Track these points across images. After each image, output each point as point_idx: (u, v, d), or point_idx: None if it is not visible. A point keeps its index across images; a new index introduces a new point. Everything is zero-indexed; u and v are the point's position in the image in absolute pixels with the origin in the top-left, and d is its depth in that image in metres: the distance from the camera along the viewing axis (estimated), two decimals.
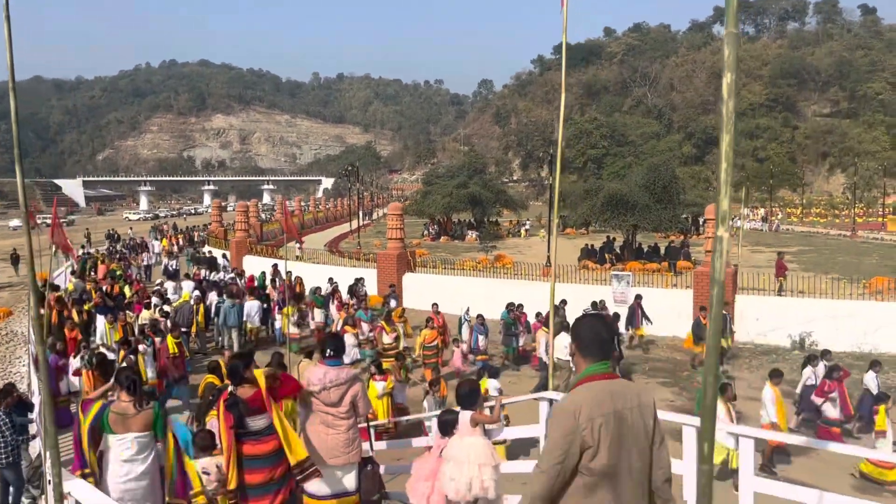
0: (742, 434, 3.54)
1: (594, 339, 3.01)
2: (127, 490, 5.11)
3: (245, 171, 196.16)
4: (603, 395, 2.82)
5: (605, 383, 2.89)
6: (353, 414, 5.13)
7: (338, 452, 5.13)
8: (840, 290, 19.53)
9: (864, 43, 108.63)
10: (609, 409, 2.77)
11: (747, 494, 3.48)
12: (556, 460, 2.74)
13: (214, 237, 35.74)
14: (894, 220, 54.84)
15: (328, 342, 5.37)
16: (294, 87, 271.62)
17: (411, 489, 5.39)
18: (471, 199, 44.94)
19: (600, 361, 2.97)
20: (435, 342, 14.33)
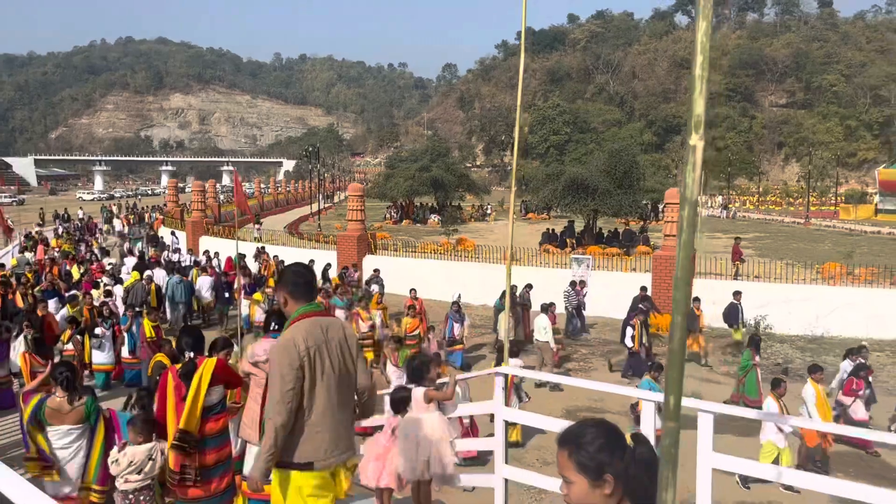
0: (701, 409, 3.43)
1: (301, 284, 3.61)
2: (65, 471, 5.52)
3: (204, 152, 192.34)
4: (314, 328, 3.49)
5: (315, 319, 3.54)
6: None
7: None
8: (794, 275, 19.95)
9: (821, 35, 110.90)
10: (321, 339, 3.47)
11: (705, 471, 3.39)
12: (289, 387, 3.34)
13: (170, 217, 34.93)
14: (846, 208, 56.32)
15: (272, 317, 5.12)
16: (255, 68, 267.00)
17: (362, 470, 5.22)
18: (433, 182, 44.70)
19: (309, 302, 3.58)
20: (417, 331, 13.85)
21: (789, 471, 3.32)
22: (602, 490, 1.80)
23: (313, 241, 27.55)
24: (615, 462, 1.80)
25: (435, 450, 4.87)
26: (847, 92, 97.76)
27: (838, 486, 3.32)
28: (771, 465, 3.20)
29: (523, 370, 7.58)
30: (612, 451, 1.82)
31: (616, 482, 1.79)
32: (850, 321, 17.25)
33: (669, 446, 1.17)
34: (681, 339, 1.06)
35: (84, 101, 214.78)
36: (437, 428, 4.99)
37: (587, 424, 1.93)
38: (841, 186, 72.88)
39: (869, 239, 36.59)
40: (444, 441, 4.94)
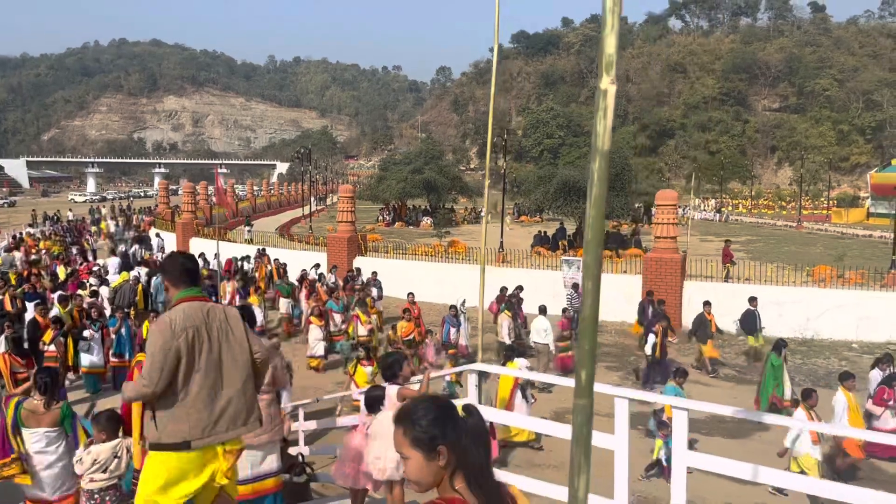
0: (677, 406, 3.34)
1: (181, 270, 3.73)
2: (42, 476, 5.60)
3: (198, 154, 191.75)
4: (193, 311, 3.59)
5: (196, 304, 3.64)
6: (271, 388, 4.78)
7: (260, 431, 4.71)
8: (785, 277, 19.91)
9: (813, 40, 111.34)
10: (200, 322, 3.56)
11: (679, 470, 3.30)
12: (157, 367, 3.42)
13: (161, 219, 34.77)
14: (838, 212, 56.46)
15: (248, 315, 5.01)
16: (249, 70, 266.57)
17: (337, 471, 5.10)
18: (426, 184, 44.59)
19: (190, 287, 3.70)
20: (412, 335, 13.51)
21: (771, 471, 3.23)
22: (437, 462, 1.87)
23: (303, 243, 27.39)
24: (448, 434, 1.87)
25: None
26: (840, 96, 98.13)
27: (837, 490, 3.23)
28: (747, 463, 3.10)
29: (496, 369, 7.46)
30: (443, 425, 1.89)
31: (449, 453, 1.85)
32: (841, 323, 17.22)
33: (581, 425, 1.05)
34: (592, 306, 1.04)
35: (77, 103, 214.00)
36: None
37: (419, 401, 2.00)
38: (833, 190, 73.11)
39: (860, 242, 36.65)
40: None
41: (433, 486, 1.90)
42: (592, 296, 0.99)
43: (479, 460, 1.87)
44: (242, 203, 53.33)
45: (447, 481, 1.88)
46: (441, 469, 1.87)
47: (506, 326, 14.41)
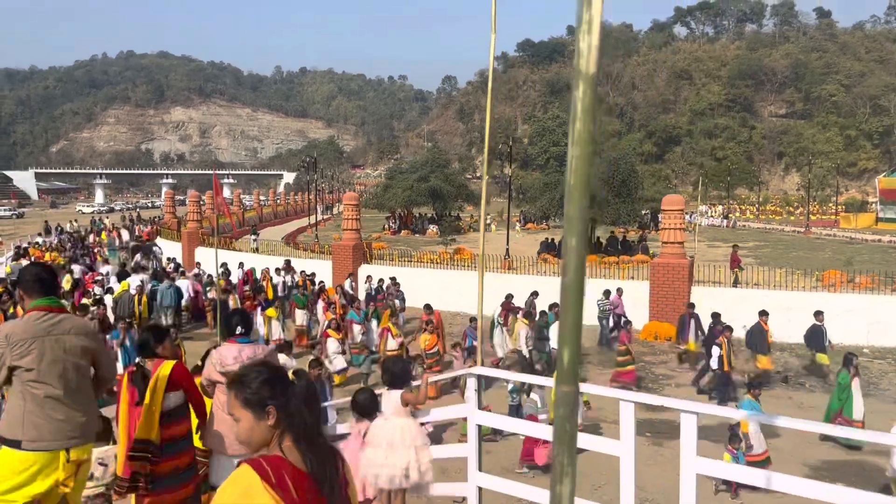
0: (683, 409, 3.20)
1: (34, 280, 3.78)
2: None
3: (205, 164, 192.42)
4: (35, 322, 3.66)
5: (42, 313, 3.71)
6: None
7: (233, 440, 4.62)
8: (794, 282, 19.70)
9: (819, 46, 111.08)
10: (41, 331, 3.64)
11: (689, 476, 3.15)
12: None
13: (167, 229, 34.81)
14: (847, 217, 56.11)
15: (234, 318, 4.85)
16: (256, 81, 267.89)
17: None
18: (432, 192, 44.55)
19: (43, 297, 3.77)
20: (436, 348, 12.80)
21: (780, 475, 3.09)
22: (266, 422, 1.99)
23: (308, 252, 27.33)
24: (277, 396, 2.00)
25: (414, 457, 4.63)
26: (846, 102, 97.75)
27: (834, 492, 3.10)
28: (760, 470, 2.97)
29: (495, 371, 7.32)
30: (272, 387, 2.01)
31: (278, 414, 1.97)
32: (851, 328, 16.98)
33: (564, 418, 0.88)
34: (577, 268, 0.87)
35: (85, 115, 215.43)
36: (416, 433, 4.75)
37: (251, 367, 2.13)
38: (841, 196, 72.70)
39: (870, 247, 36.34)
40: (423, 447, 4.71)
41: (263, 445, 2.01)
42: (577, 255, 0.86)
43: (307, 421, 1.98)
44: (249, 213, 53.43)
45: (276, 441, 1.99)
46: (270, 429, 1.99)
47: (523, 335, 14.17)
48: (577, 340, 0.87)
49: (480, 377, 4.45)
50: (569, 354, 0.87)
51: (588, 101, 0.86)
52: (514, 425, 6.28)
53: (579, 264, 0.87)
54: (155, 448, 4.69)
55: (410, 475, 4.61)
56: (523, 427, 5.83)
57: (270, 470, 1.91)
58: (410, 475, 4.61)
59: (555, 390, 0.94)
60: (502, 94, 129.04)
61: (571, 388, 0.88)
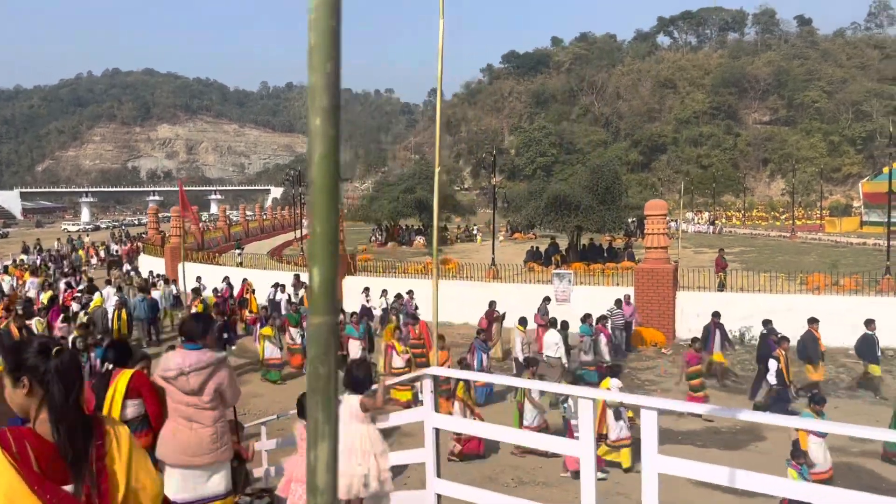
0: (644, 406, 3.07)
1: None
2: None
3: (192, 181, 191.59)
4: None
5: None
6: (219, 404, 4.46)
7: (204, 450, 4.37)
8: (778, 286, 19.70)
9: (801, 53, 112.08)
10: None
11: (651, 475, 3.01)
12: None
13: (151, 244, 34.52)
14: (832, 221, 56.41)
15: (188, 324, 4.69)
16: (242, 97, 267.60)
17: (284, 489, 4.78)
18: (418, 204, 44.43)
19: None
20: (447, 364, 12.10)
21: (744, 472, 2.96)
22: (21, 391, 2.07)
23: (291, 264, 27.15)
24: (30, 368, 2.07)
25: (374, 465, 4.46)
26: (829, 108, 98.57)
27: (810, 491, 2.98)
28: (723, 467, 2.84)
29: (449, 371, 7.15)
30: (27, 358, 2.09)
31: (32, 385, 2.06)
32: (836, 330, 16.93)
33: (317, 360, 0.73)
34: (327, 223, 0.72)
35: (71, 134, 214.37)
36: (376, 440, 4.58)
37: (24, 340, 2.30)
38: (826, 200, 73.16)
39: (854, 250, 36.51)
40: (382, 455, 4.54)
41: (24, 413, 2.09)
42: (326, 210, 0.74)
43: (61, 398, 2.04)
44: (235, 228, 53.20)
45: (35, 412, 2.08)
46: (26, 398, 2.07)
47: (519, 342, 13.99)
48: (333, 266, 0.76)
49: (436, 378, 4.27)
50: (320, 278, 0.75)
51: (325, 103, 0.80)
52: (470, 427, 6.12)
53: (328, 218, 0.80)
54: None
55: (370, 484, 4.43)
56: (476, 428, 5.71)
57: (12, 440, 1.99)
58: (370, 484, 4.43)
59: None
60: (488, 106, 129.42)
61: (324, 319, 0.74)
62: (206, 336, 4.48)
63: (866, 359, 13.63)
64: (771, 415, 7.26)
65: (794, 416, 9.86)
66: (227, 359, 4.55)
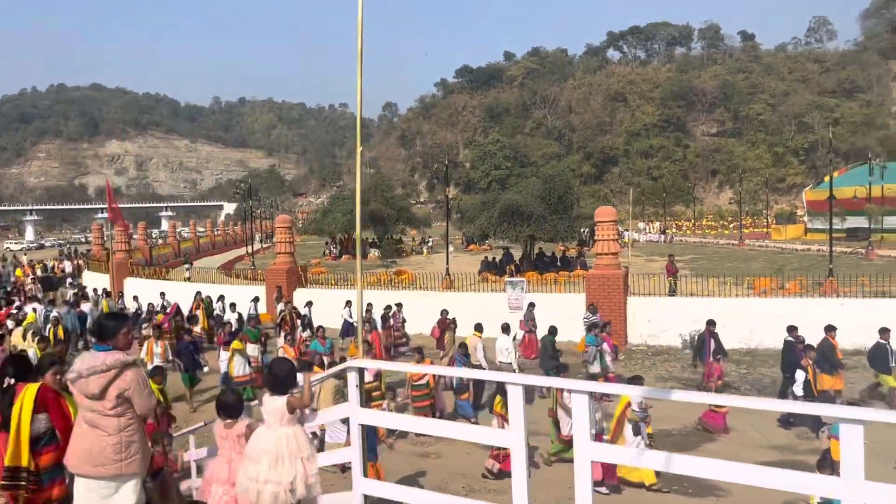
0: (575, 389, 2.93)
1: None
2: None
3: (142, 198, 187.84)
4: None
5: None
6: (126, 412, 4.15)
7: (106, 460, 3.99)
8: (727, 291, 20.00)
9: (745, 67, 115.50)
10: None
11: (583, 464, 2.86)
12: None
13: (96, 261, 33.56)
14: (778, 229, 57.92)
15: (97, 324, 4.35)
16: (194, 112, 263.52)
17: (204, 493, 4.52)
18: (372, 216, 44.12)
19: None
20: (425, 379, 11.42)
21: (681, 456, 2.84)
22: None
23: (241, 279, 26.61)
24: None
25: (301, 469, 4.22)
26: (773, 120, 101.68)
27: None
28: (659, 452, 2.73)
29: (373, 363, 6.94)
30: None
31: None
32: (783, 333, 17.20)
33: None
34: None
35: (14, 151, 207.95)
36: (303, 443, 4.34)
37: None
38: (772, 209, 75.20)
39: (800, 256, 37.45)
40: (310, 458, 4.30)
41: None
42: None
43: None
44: (185, 243, 52.14)
45: None
46: None
47: (480, 348, 13.65)
48: None
49: (362, 370, 4.06)
50: None
51: None
52: (402, 423, 5.93)
53: None
54: (31, 475, 4.26)
55: (297, 489, 4.19)
56: (401, 421, 5.53)
57: None
58: (297, 489, 4.19)
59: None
60: (442, 120, 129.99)
61: None
62: (116, 336, 4.17)
63: (879, 369, 12.94)
64: None
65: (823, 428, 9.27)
66: (138, 362, 4.23)
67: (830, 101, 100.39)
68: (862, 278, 19.24)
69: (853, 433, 2.57)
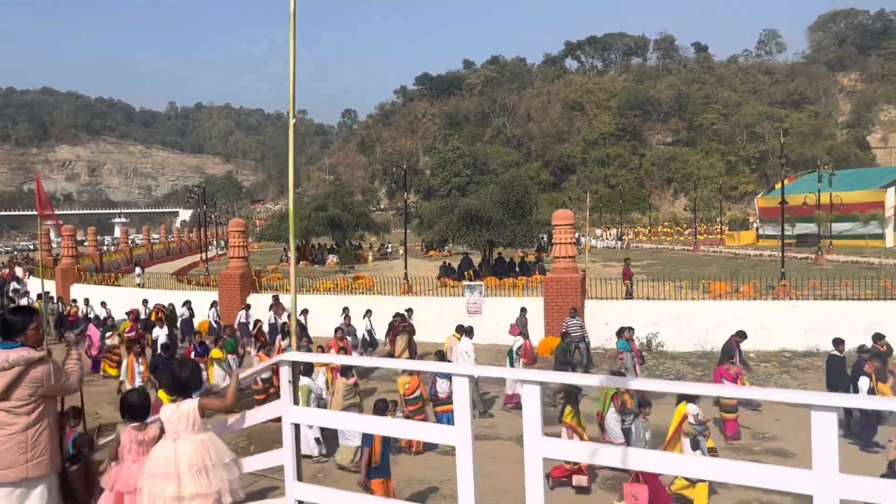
0: (525, 380, 2.73)
1: None
2: None
3: (95, 204, 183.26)
4: None
5: None
6: (34, 409, 3.76)
7: (8, 461, 3.71)
8: (683, 294, 20.19)
9: (699, 77, 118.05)
10: None
11: (533, 461, 2.67)
12: None
13: (44, 267, 32.41)
14: (731, 235, 59.09)
15: (2, 320, 3.99)
16: (148, 117, 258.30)
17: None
18: (330, 221, 43.57)
19: None
20: (418, 391, 11.05)
21: (638, 451, 2.67)
22: None
23: (193, 284, 25.95)
24: None
25: (225, 476, 3.88)
26: (726, 130, 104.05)
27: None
28: (613, 447, 2.53)
29: (309, 356, 6.66)
30: None
31: None
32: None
33: None
34: None
35: None
36: (221, 448, 3.96)
37: None
38: (725, 216, 76.78)
39: (752, 261, 38.15)
40: (233, 465, 3.96)
41: None
42: None
43: None
44: (138, 250, 50.88)
45: None
46: None
47: (457, 350, 13.18)
48: None
49: (296, 364, 3.78)
50: None
51: None
52: (336, 421, 5.66)
53: None
54: None
55: (224, 500, 3.87)
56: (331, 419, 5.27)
57: None
58: (224, 500, 3.87)
59: None
60: (402, 127, 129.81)
61: None
62: (25, 332, 3.85)
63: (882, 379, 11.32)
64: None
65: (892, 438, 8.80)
66: (47, 358, 3.91)
67: (780, 111, 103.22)
68: (813, 281, 19.58)
69: None
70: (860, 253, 38.84)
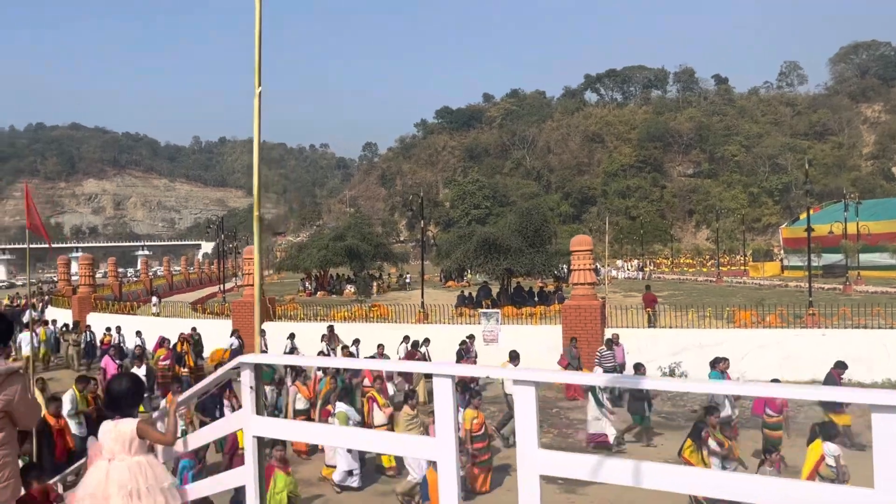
0: (520, 380, 2.33)
1: None
2: None
3: (119, 237, 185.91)
4: None
5: None
6: (3, 428, 3.48)
7: None
8: (707, 323, 19.59)
9: (719, 109, 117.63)
10: None
11: (528, 479, 2.24)
12: None
13: (62, 296, 32.54)
14: (755, 266, 57.98)
15: None
16: (173, 151, 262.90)
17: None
18: (348, 252, 43.42)
19: None
20: (484, 429, 10.39)
21: (623, 462, 2.22)
22: None
23: (207, 313, 25.80)
24: None
25: (163, 502, 3.49)
26: (748, 161, 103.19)
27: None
28: (614, 458, 2.15)
29: (270, 357, 6.26)
30: None
31: None
32: (764, 363, 16.79)
33: None
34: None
35: None
36: (160, 472, 3.62)
37: None
38: (748, 248, 75.67)
39: (777, 292, 37.25)
40: (171, 488, 3.56)
41: None
42: None
43: None
44: (157, 281, 51.16)
45: None
46: None
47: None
48: None
49: (258, 366, 3.37)
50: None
51: None
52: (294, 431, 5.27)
53: None
54: None
55: None
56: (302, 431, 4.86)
57: None
58: None
59: None
60: (422, 160, 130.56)
61: None
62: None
63: (827, 407, 11.54)
64: None
65: None
66: (20, 372, 3.58)
67: (803, 142, 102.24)
68: (843, 308, 18.90)
69: None
70: (890, 284, 37.79)
